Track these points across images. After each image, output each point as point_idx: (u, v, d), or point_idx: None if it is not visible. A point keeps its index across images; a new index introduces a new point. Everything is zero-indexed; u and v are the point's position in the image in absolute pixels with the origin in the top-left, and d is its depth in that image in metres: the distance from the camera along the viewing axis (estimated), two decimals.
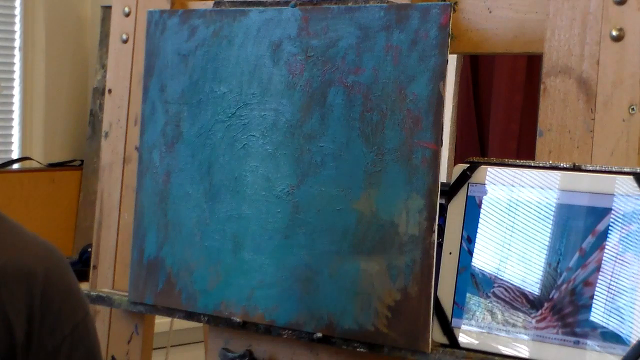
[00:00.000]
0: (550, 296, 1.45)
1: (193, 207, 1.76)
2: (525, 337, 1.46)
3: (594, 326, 1.41)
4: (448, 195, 1.54)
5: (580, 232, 1.44)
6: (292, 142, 1.67)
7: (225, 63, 1.75)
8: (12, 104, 3.69)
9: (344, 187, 1.62)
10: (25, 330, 1.24)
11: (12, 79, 3.68)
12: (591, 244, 1.43)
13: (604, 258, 1.41)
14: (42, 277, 1.26)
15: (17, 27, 3.68)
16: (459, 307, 1.52)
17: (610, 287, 1.40)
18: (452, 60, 2.83)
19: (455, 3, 1.62)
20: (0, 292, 1.23)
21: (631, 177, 1.41)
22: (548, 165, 1.49)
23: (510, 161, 1.53)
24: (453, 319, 1.52)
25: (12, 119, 3.71)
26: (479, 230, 1.52)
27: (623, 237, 1.41)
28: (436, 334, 1.53)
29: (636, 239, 1.40)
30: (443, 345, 1.52)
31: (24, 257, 1.27)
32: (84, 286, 1.74)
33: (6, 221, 1.31)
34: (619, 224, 1.41)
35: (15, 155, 3.71)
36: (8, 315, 1.23)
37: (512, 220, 1.49)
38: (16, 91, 3.69)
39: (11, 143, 3.71)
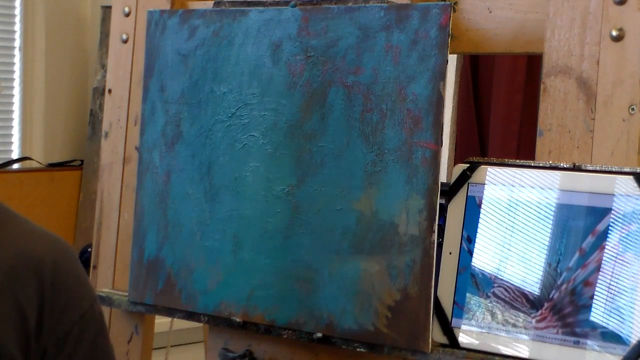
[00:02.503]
0: (550, 296, 1.45)
1: (193, 207, 1.76)
2: (525, 337, 1.46)
3: (594, 326, 1.41)
4: (448, 195, 1.54)
5: (580, 232, 1.44)
6: (292, 142, 1.67)
7: (225, 63, 1.75)
8: (12, 104, 3.69)
9: (344, 187, 1.62)
10: (37, 317, 1.29)
11: (12, 79, 3.68)
12: (591, 244, 1.43)
13: (604, 258, 1.41)
14: (51, 266, 1.31)
15: (17, 27, 3.67)
16: (459, 307, 1.52)
17: (610, 287, 1.40)
18: (452, 60, 2.84)
19: (455, 3, 1.62)
20: (13, 281, 1.28)
21: (631, 177, 1.41)
22: (548, 165, 1.49)
23: (510, 161, 1.53)
24: (453, 319, 1.52)
25: (12, 119, 3.70)
26: (479, 230, 1.51)
27: (623, 237, 1.40)
28: (436, 334, 1.53)
29: (636, 239, 1.40)
30: (443, 345, 1.52)
31: (33, 248, 1.32)
32: None
33: (14, 215, 1.36)
34: (619, 224, 1.41)
35: (15, 155, 3.71)
36: (21, 303, 1.28)
37: (512, 220, 1.49)
38: (16, 91, 3.69)
39: (11, 143, 3.71)
